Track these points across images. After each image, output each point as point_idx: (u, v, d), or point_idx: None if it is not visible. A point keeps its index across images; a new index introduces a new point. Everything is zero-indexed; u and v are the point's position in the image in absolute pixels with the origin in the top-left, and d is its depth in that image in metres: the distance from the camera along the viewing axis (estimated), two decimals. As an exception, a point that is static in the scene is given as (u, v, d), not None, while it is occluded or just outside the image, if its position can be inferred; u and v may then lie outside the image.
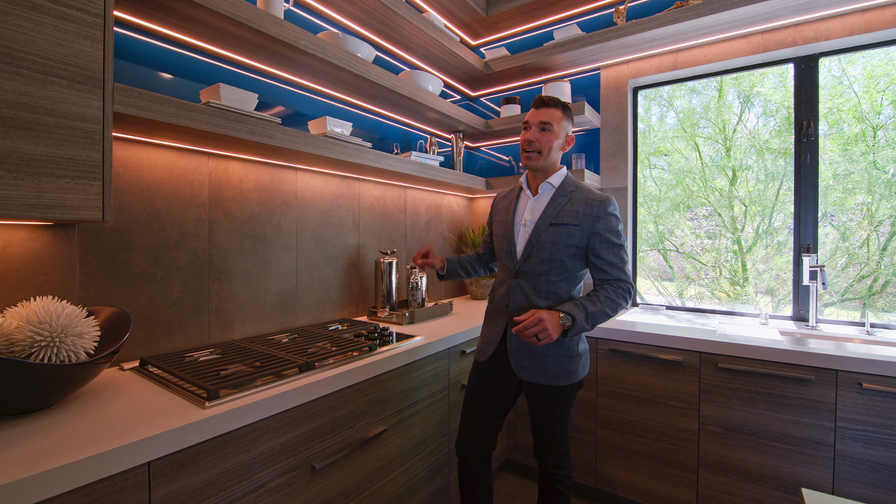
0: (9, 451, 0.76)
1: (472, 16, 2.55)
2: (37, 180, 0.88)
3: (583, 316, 1.25)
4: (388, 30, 2.02)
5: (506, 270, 1.45)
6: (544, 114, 1.37)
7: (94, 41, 0.96)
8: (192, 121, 1.18)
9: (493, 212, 1.59)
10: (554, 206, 1.38)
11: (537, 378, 1.36)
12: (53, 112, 0.90)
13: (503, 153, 2.83)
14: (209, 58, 1.50)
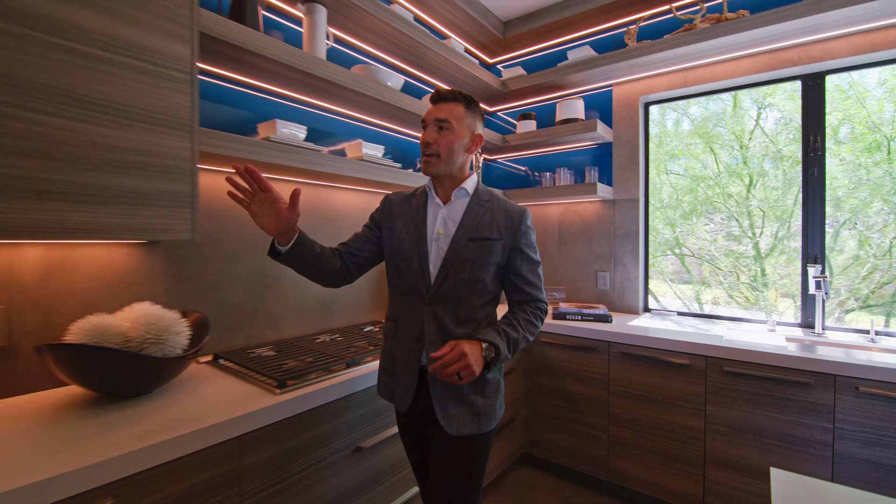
0: (129, 427, 0.97)
1: (489, 38, 2.73)
2: (146, 210, 1.10)
3: (505, 345, 1.08)
4: (415, 58, 2.22)
5: (412, 295, 1.18)
6: (442, 109, 1.15)
7: (184, 94, 1.18)
8: (256, 154, 1.39)
9: (385, 215, 1.28)
10: (471, 216, 1.16)
11: (467, 428, 1.10)
12: (156, 154, 1.12)
13: (520, 164, 2.99)
14: (262, 93, 1.72)
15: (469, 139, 1.18)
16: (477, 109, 1.21)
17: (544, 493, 2.14)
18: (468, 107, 1.18)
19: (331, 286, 1.25)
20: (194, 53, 1.20)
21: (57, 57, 0.97)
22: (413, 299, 1.17)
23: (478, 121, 1.22)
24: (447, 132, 1.14)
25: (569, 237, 2.75)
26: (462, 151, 1.17)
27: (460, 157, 1.17)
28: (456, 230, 1.16)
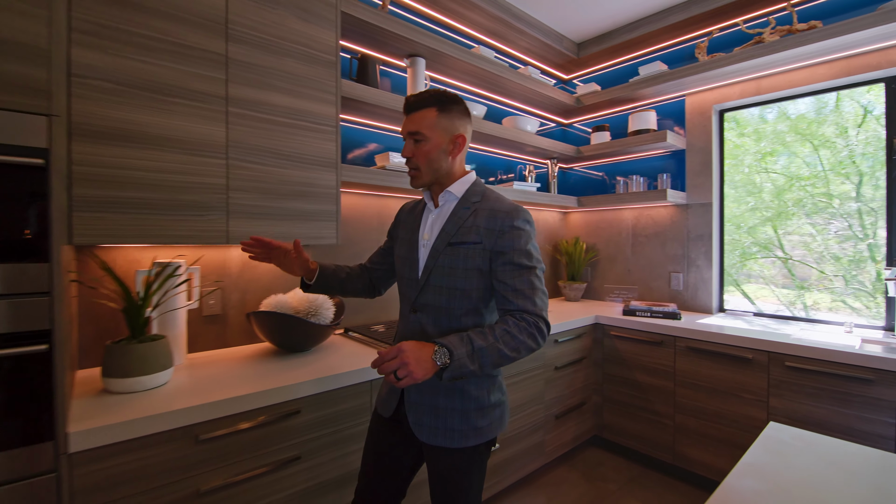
0: (300, 368, 1.47)
1: (565, 58, 3.00)
2: (308, 224, 1.61)
3: (465, 352, 0.95)
4: (495, 86, 2.59)
5: (405, 301, 1.18)
6: (413, 121, 1.11)
7: (332, 142, 1.68)
8: (374, 179, 1.87)
9: (395, 223, 1.33)
10: (454, 221, 1.11)
11: (438, 439, 1.07)
12: (316, 185, 1.63)
13: (596, 170, 3.20)
14: (379, 130, 2.21)
15: (449, 142, 1.11)
16: (453, 108, 1.12)
17: (612, 470, 2.37)
18: (441, 108, 1.10)
19: (367, 297, 1.39)
20: (337, 111, 1.70)
21: (261, 126, 1.51)
22: (405, 306, 1.18)
23: (456, 120, 1.12)
24: (422, 143, 1.10)
25: (643, 240, 2.92)
26: (444, 157, 1.12)
27: (444, 164, 1.12)
28: (437, 236, 1.12)
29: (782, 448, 0.98)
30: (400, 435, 1.16)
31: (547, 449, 2.28)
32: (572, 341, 2.41)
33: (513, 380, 2.07)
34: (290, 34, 1.58)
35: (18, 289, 0.96)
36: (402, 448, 1.17)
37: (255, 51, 1.50)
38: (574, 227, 3.33)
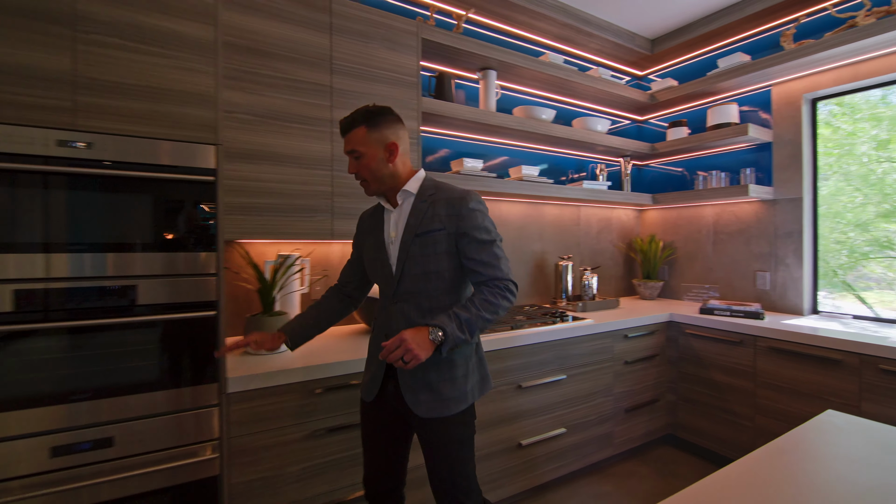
0: (394, 344, 1.73)
1: (638, 56, 3.01)
2: (395, 223, 1.89)
3: (455, 326, 1.10)
4: (565, 90, 2.70)
5: (384, 296, 1.29)
6: (349, 142, 1.22)
7: (415, 152, 1.94)
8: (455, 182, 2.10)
9: (359, 233, 1.41)
10: (416, 214, 1.23)
11: (436, 411, 1.19)
12: (401, 190, 1.90)
13: (676, 166, 3.14)
14: (454, 138, 2.45)
15: (384, 151, 1.21)
16: (381, 120, 1.21)
17: (686, 468, 2.36)
18: (369, 124, 1.20)
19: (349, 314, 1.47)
20: (419, 125, 1.96)
21: (358, 142, 1.81)
22: (384, 300, 1.29)
23: (386, 130, 1.22)
24: (361, 159, 1.21)
25: (724, 237, 2.82)
26: (384, 165, 1.22)
27: (385, 171, 1.22)
28: (403, 231, 1.23)
29: (831, 430, 1.02)
30: (387, 414, 1.28)
31: (615, 441, 2.34)
32: (644, 338, 2.44)
33: (579, 370, 2.17)
34: (379, 63, 1.87)
35: (195, 270, 1.33)
36: (391, 427, 1.29)
37: (352, 79, 1.81)
38: (650, 225, 3.30)
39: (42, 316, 1.14)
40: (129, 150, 1.23)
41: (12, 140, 1.11)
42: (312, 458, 1.48)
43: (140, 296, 1.25)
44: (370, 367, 1.30)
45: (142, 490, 1.24)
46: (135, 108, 1.25)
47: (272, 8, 1.64)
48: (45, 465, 1.14)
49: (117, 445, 1.22)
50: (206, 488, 1.33)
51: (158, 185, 1.27)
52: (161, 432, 1.27)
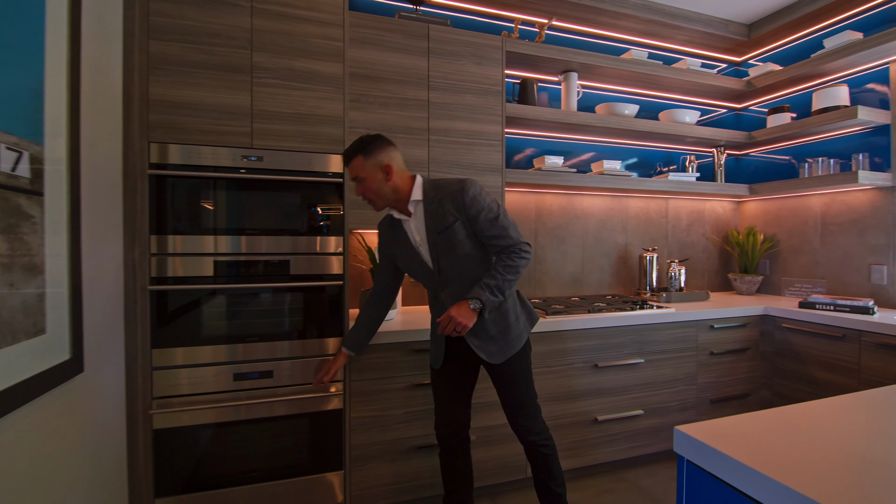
0: (479, 318, 2.02)
1: (733, 42, 2.91)
2: (481, 215, 2.17)
3: (488, 293, 1.37)
4: (650, 84, 2.75)
5: (430, 289, 1.56)
6: (351, 170, 1.43)
7: (498, 153, 2.20)
8: (531, 179, 2.32)
9: (384, 244, 1.62)
10: (430, 216, 1.44)
11: (506, 355, 1.47)
12: (486, 186, 2.17)
13: (781, 154, 2.95)
14: (529, 137, 2.66)
15: (381, 173, 1.42)
16: (373, 147, 1.41)
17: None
18: (365, 153, 1.40)
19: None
20: (502, 128, 2.22)
21: (449, 146, 2.12)
22: (432, 292, 1.56)
23: (379, 155, 1.42)
24: (363, 182, 1.42)
25: (835, 229, 2.63)
26: (384, 184, 1.43)
27: (386, 188, 1.43)
28: (426, 233, 1.46)
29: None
30: (455, 371, 1.58)
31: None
32: (733, 330, 2.41)
33: (659, 356, 2.24)
34: (468, 77, 2.17)
35: (327, 250, 1.74)
36: (462, 374, 1.60)
37: (445, 93, 2.13)
38: (749, 218, 3.15)
39: (230, 279, 1.63)
40: (285, 160, 1.68)
41: (215, 157, 1.61)
42: (412, 405, 1.82)
43: (291, 268, 1.69)
44: (434, 344, 1.59)
45: (290, 412, 1.68)
46: (288, 130, 1.69)
47: (383, 41, 2.02)
48: (229, 386, 1.63)
49: (274, 377, 1.67)
50: (333, 418, 1.73)
51: (304, 186, 1.71)
52: (304, 371, 1.70)
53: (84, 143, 1.28)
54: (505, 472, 1.97)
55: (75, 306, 1.20)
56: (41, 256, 1.07)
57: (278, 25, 1.68)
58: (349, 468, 1.75)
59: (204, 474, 1.59)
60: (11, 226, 0.97)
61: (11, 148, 0.97)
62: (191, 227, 1.59)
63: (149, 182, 1.54)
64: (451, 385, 1.60)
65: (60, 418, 1.16)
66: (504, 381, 1.53)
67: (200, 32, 1.59)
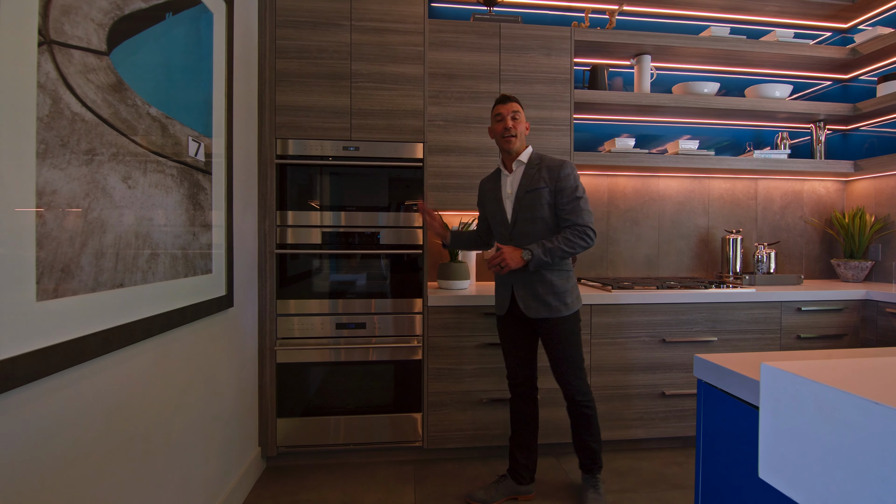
0: (545, 289, 2.18)
1: (835, 8, 2.69)
2: (549, 195, 2.33)
3: (541, 251, 1.58)
4: (733, 60, 2.66)
5: (500, 236, 1.77)
6: (510, 106, 1.69)
7: (567, 136, 2.34)
8: (601, 161, 2.42)
9: (481, 194, 1.88)
10: (526, 177, 1.70)
11: (542, 313, 1.67)
12: (554, 168, 2.33)
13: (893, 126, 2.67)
14: (602, 122, 2.74)
15: (525, 124, 1.74)
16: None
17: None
18: (521, 105, 1.74)
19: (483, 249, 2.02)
20: (570, 114, 2.35)
21: (520, 133, 2.32)
22: (501, 240, 1.78)
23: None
24: (517, 120, 1.70)
25: (964, 205, 2.33)
26: (523, 131, 1.73)
27: (523, 135, 1.73)
28: (518, 188, 1.72)
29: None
30: (516, 323, 1.76)
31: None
32: (827, 314, 2.27)
33: (734, 336, 2.21)
34: (537, 67, 2.34)
35: (410, 224, 2.04)
36: (520, 334, 1.77)
37: (515, 84, 2.32)
38: (859, 198, 2.86)
39: (332, 247, 2.00)
40: (377, 149, 2.02)
41: (322, 148, 2.00)
42: (481, 362, 2.06)
43: (380, 238, 2.02)
44: (499, 291, 1.81)
45: (379, 359, 2.01)
46: (380, 124, 2.03)
47: (458, 42, 2.28)
48: (332, 333, 2.00)
49: (367, 329, 2.01)
50: (414, 367, 2.03)
51: (392, 170, 2.03)
52: (390, 325, 2.03)
53: (235, 139, 1.72)
54: (567, 433, 2.11)
55: (229, 258, 1.63)
56: (210, 219, 1.50)
57: (371, 38, 2.02)
58: (427, 411, 2.03)
59: (314, 403, 1.99)
60: (195, 194, 1.39)
61: (195, 140, 1.40)
62: (304, 204, 1.99)
63: (275, 169, 1.97)
64: (512, 340, 1.80)
65: (219, 337, 1.60)
66: (551, 343, 1.72)
67: (313, 49, 1.99)
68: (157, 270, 1.17)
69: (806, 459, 0.41)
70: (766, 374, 0.47)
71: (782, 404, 0.45)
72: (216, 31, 1.54)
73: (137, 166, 1.09)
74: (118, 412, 1.05)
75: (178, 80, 1.30)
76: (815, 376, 0.42)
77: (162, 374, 1.23)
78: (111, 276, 1.00)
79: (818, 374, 0.43)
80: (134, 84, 1.08)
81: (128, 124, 1.05)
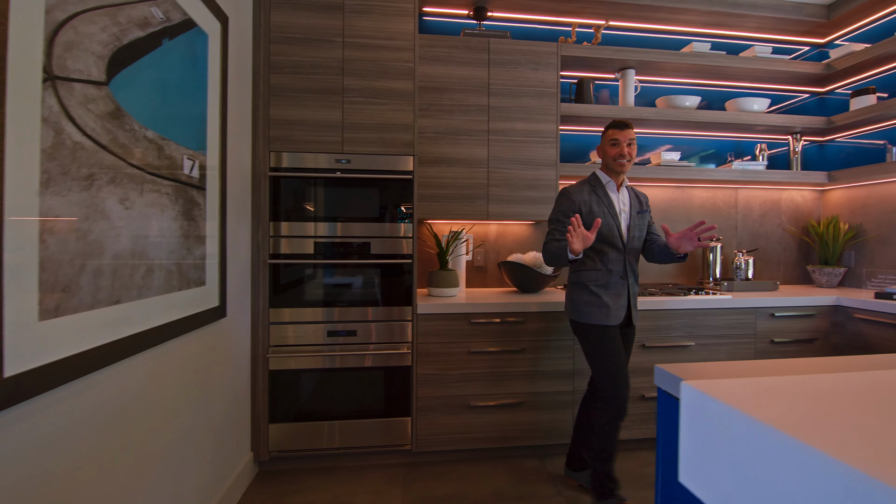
0: (527, 298, 2.25)
1: (812, 25, 2.79)
2: (534, 206, 2.40)
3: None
4: (713, 74, 2.75)
5: (614, 251, 1.82)
6: (628, 134, 1.81)
7: (553, 148, 2.42)
8: (591, 171, 2.49)
9: (577, 204, 1.84)
10: (633, 199, 1.89)
11: (637, 318, 1.92)
12: (541, 179, 2.40)
13: (874, 138, 2.76)
14: (589, 133, 2.81)
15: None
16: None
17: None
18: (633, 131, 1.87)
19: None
20: (557, 126, 2.42)
21: (508, 145, 2.38)
22: (614, 254, 1.82)
23: None
24: (632, 146, 1.83)
25: (931, 216, 2.43)
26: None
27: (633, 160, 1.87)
28: (630, 208, 1.88)
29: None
30: (619, 332, 1.83)
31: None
32: (798, 319, 2.36)
33: (711, 341, 2.30)
34: (525, 81, 2.41)
35: (399, 234, 2.10)
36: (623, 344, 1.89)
37: (503, 98, 2.39)
38: (834, 207, 2.97)
39: (325, 256, 2.06)
40: (368, 162, 2.08)
41: (315, 161, 2.05)
42: (468, 368, 2.12)
43: (371, 248, 2.08)
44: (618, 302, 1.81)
45: (370, 365, 2.07)
46: (371, 137, 2.09)
47: (448, 57, 2.34)
48: (324, 341, 2.06)
49: (358, 336, 2.07)
50: (403, 373, 2.09)
51: (382, 182, 2.09)
52: (380, 332, 2.09)
53: (229, 154, 1.77)
54: (552, 436, 2.19)
55: (223, 269, 1.68)
56: (204, 232, 1.55)
57: (363, 54, 2.08)
58: (416, 415, 2.09)
59: (305, 408, 2.04)
60: (189, 210, 1.44)
61: (189, 158, 1.45)
62: (297, 215, 2.05)
63: (269, 182, 2.03)
64: (620, 349, 1.79)
65: (212, 346, 1.65)
66: (628, 348, 1.91)
67: (306, 65, 2.04)
68: (152, 285, 1.22)
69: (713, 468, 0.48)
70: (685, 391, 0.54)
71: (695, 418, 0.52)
72: (211, 50, 1.59)
73: (134, 188, 1.14)
74: (113, 424, 1.10)
75: (175, 102, 1.35)
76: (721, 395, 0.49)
77: (155, 384, 1.28)
78: (108, 293, 1.05)
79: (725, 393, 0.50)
80: (131, 109, 1.13)
81: (125, 149, 1.11)
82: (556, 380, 2.18)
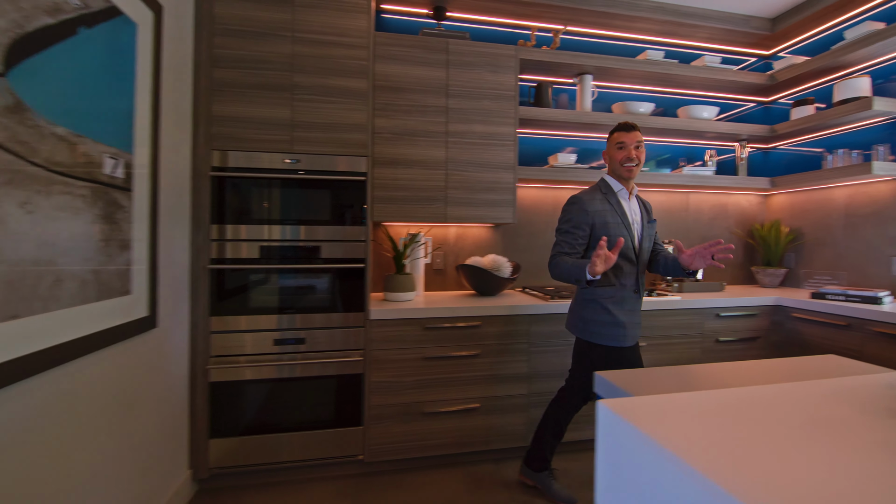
0: (485, 302, 2.23)
1: (758, 37, 2.91)
2: (494, 209, 2.38)
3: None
4: (668, 82, 2.83)
5: (628, 264, 1.71)
6: (635, 136, 1.73)
7: (511, 151, 2.41)
8: (544, 175, 2.50)
9: (592, 213, 1.71)
10: (643, 208, 1.82)
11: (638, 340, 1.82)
12: (499, 182, 2.38)
13: (812, 146, 2.90)
14: (548, 136, 2.83)
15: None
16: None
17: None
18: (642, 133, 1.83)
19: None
20: (515, 129, 2.42)
21: (466, 147, 2.35)
22: (627, 266, 1.72)
23: None
24: (641, 149, 1.75)
25: (857, 220, 2.59)
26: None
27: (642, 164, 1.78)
28: (640, 216, 1.80)
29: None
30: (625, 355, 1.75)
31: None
32: (741, 319, 2.46)
33: (661, 342, 2.36)
34: (484, 84, 2.39)
35: (353, 238, 2.03)
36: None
37: (462, 100, 2.36)
38: (776, 211, 3.12)
39: (272, 261, 1.96)
40: (320, 162, 2.00)
41: (262, 160, 1.95)
42: (423, 374, 2.08)
43: (322, 252, 2.00)
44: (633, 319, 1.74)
45: (319, 374, 1.99)
46: (322, 137, 2.01)
47: (406, 56, 2.29)
48: (270, 350, 1.96)
49: (307, 344, 1.99)
50: (355, 381, 2.03)
51: (334, 184, 2.01)
52: (330, 339, 2.01)
53: (162, 152, 1.65)
54: (507, 440, 2.18)
55: (152, 276, 1.57)
56: (129, 236, 1.43)
57: (314, 50, 1.99)
58: (367, 424, 2.04)
59: (250, 421, 1.94)
60: (111, 213, 1.33)
61: (111, 157, 1.33)
62: (242, 217, 1.94)
63: (211, 182, 1.91)
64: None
65: (141, 360, 1.53)
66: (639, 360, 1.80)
67: (252, 60, 1.94)
68: (62, 297, 1.11)
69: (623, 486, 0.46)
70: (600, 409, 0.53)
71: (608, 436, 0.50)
72: (141, 41, 1.47)
73: (39, 190, 1.03)
74: (11, 452, 0.99)
75: (93, 96, 1.23)
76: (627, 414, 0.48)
77: (69, 404, 1.17)
78: (1, 308, 0.94)
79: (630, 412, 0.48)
80: (36, 104, 1.02)
81: (27, 146, 0.99)
82: (511, 383, 2.17)
